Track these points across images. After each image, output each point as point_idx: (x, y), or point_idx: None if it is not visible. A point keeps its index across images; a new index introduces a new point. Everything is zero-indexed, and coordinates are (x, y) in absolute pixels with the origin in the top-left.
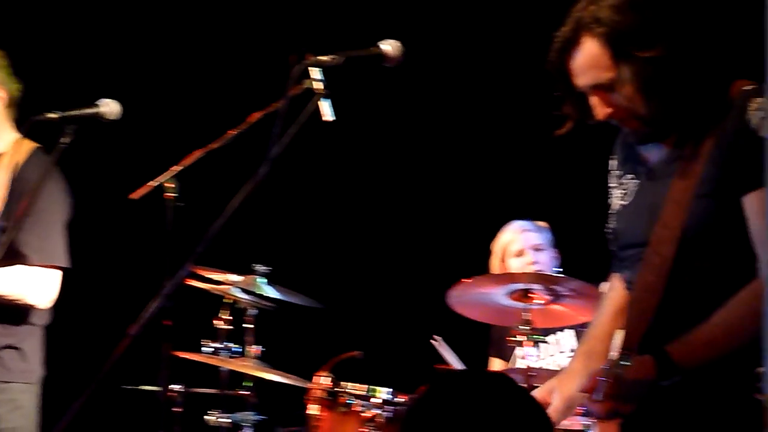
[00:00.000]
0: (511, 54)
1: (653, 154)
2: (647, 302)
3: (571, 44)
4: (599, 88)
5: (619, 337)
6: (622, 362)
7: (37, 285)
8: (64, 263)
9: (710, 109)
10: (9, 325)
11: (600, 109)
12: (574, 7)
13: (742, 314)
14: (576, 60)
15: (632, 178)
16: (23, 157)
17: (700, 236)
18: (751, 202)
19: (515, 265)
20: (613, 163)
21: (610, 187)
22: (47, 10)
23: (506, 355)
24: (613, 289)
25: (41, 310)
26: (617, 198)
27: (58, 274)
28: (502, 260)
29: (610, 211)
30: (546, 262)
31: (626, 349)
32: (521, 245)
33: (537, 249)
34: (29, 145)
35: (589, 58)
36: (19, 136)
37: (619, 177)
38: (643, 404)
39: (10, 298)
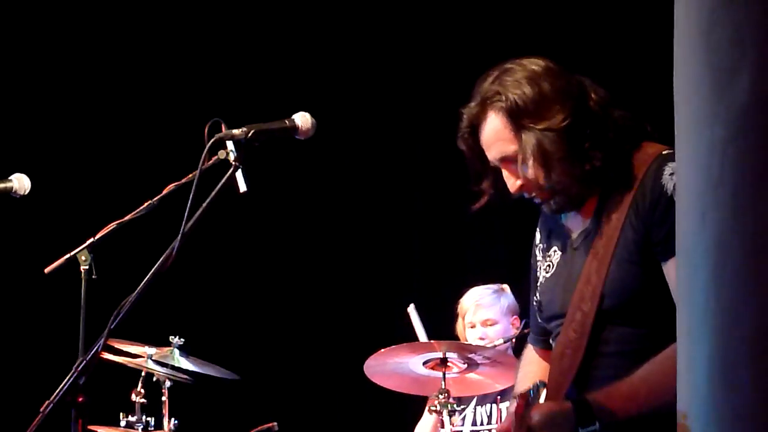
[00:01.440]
0: (427, 120)
1: (574, 224)
2: (570, 358)
3: (478, 119)
4: (506, 161)
5: (542, 394)
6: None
7: None
8: None
9: (618, 174)
10: None
11: (511, 181)
12: (479, 85)
13: (665, 371)
14: (483, 134)
15: (556, 251)
16: None
17: (620, 297)
18: (669, 269)
19: (469, 337)
20: (538, 237)
21: (534, 261)
22: None
23: None
24: (530, 352)
25: None
26: (543, 270)
27: None
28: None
29: (536, 285)
30: (495, 335)
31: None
32: (473, 319)
33: (487, 325)
34: None
35: (493, 132)
36: None
37: (545, 251)
38: None
39: None
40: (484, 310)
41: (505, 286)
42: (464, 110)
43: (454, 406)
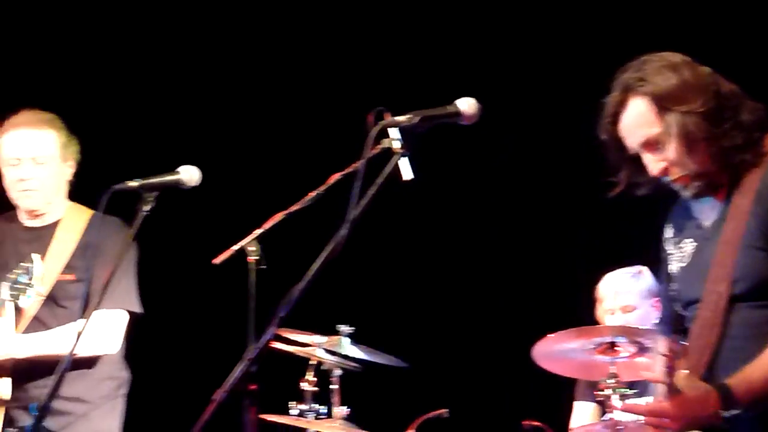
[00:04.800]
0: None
1: (706, 214)
2: (706, 338)
3: (620, 106)
4: (649, 145)
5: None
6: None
7: (101, 330)
8: (136, 308)
9: (751, 158)
10: (82, 381)
11: (652, 165)
12: (619, 75)
13: None
14: (624, 121)
15: (691, 242)
16: (85, 223)
17: (748, 282)
18: None
19: (608, 322)
20: (668, 231)
21: (667, 254)
22: (123, 80)
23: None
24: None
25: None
26: (677, 261)
27: (125, 318)
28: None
29: (668, 276)
30: (637, 320)
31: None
32: (612, 305)
33: (627, 311)
34: (86, 211)
35: (637, 116)
36: (72, 202)
37: (677, 243)
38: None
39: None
40: (623, 296)
41: (644, 269)
42: (606, 99)
43: (627, 390)
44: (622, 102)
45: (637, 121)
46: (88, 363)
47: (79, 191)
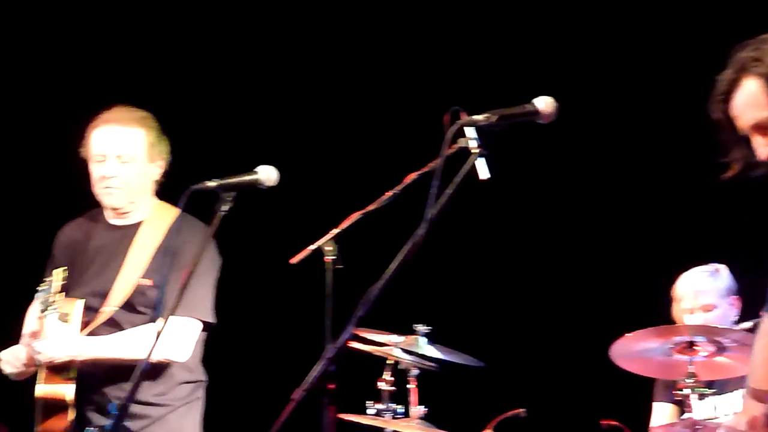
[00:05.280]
0: (670, 103)
1: None
2: None
3: (733, 86)
4: (759, 128)
5: None
6: None
7: (172, 337)
8: (209, 318)
9: None
10: (158, 385)
11: (762, 148)
12: (735, 54)
13: None
14: (737, 101)
15: None
16: (170, 222)
17: None
18: None
19: (687, 322)
20: None
21: None
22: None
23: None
24: (765, 324)
25: (188, 363)
26: None
27: (197, 327)
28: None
29: None
30: (716, 320)
31: None
32: (691, 305)
33: (707, 310)
34: (172, 210)
35: (748, 97)
36: (159, 202)
37: None
38: None
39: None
40: (703, 295)
41: (721, 267)
42: (719, 77)
43: (705, 390)
44: (736, 81)
45: (747, 102)
46: (158, 367)
47: (165, 190)
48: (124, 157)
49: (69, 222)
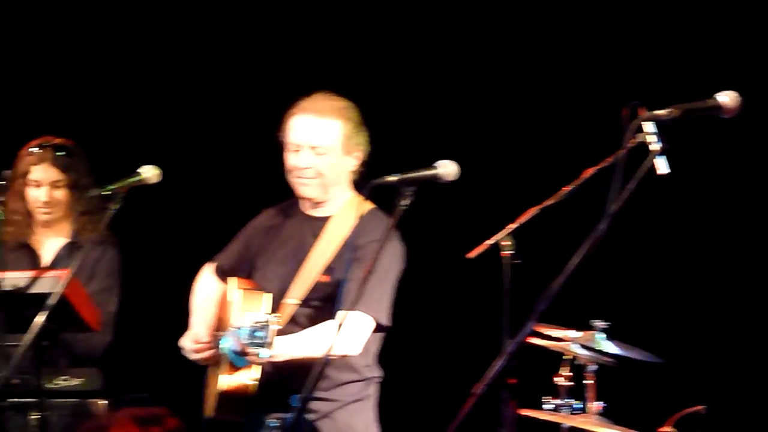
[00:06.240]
0: None
1: None
2: None
3: None
4: None
5: None
6: None
7: (346, 331)
8: (384, 320)
9: None
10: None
11: None
12: None
13: None
14: None
15: None
16: (355, 221)
17: None
18: None
19: None
20: None
21: None
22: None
23: None
24: None
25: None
26: None
27: (370, 324)
28: None
29: None
30: None
31: None
32: None
33: None
34: (363, 205)
35: None
36: (354, 195)
37: None
38: None
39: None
40: None
41: None
42: None
43: None
44: None
45: None
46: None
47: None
48: (319, 148)
49: (268, 208)
